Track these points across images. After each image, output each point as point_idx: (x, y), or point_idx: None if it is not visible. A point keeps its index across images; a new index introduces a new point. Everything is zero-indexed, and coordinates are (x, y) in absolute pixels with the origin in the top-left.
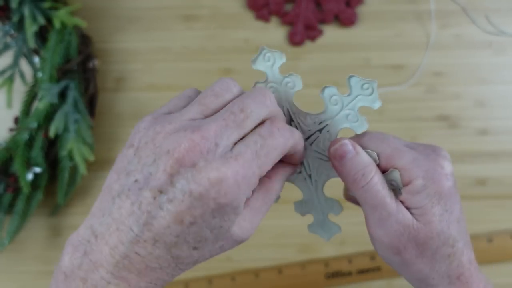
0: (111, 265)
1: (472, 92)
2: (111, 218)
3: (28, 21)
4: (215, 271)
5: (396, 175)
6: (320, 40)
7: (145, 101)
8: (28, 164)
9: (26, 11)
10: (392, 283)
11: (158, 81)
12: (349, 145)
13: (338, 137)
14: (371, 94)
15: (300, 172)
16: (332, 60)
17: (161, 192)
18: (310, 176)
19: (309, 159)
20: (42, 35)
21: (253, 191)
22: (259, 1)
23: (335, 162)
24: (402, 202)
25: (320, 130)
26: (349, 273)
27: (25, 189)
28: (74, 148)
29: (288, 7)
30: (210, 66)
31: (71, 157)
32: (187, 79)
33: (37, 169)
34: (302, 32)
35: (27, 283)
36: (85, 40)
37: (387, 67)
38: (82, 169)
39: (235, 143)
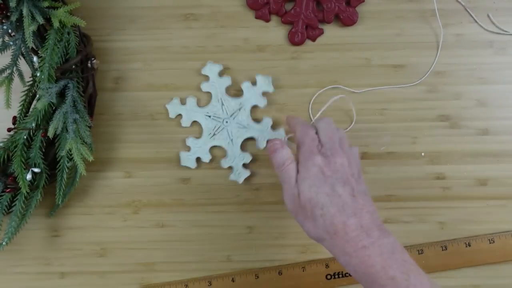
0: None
1: (473, 92)
2: None
3: (26, 20)
4: (215, 272)
5: None
6: (321, 40)
7: (144, 100)
8: (27, 164)
9: (25, 10)
10: None
11: (158, 80)
12: (278, 143)
13: (250, 111)
14: (268, 83)
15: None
16: (332, 60)
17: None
18: (232, 140)
19: (232, 129)
20: (40, 34)
21: None
22: (259, 0)
23: (270, 153)
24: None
25: (239, 109)
26: (350, 274)
27: (24, 189)
28: (73, 148)
29: (288, 6)
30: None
31: (70, 157)
32: (186, 78)
33: (36, 169)
34: (302, 32)
35: (25, 284)
36: (84, 39)
37: (388, 66)
38: (81, 169)
39: None
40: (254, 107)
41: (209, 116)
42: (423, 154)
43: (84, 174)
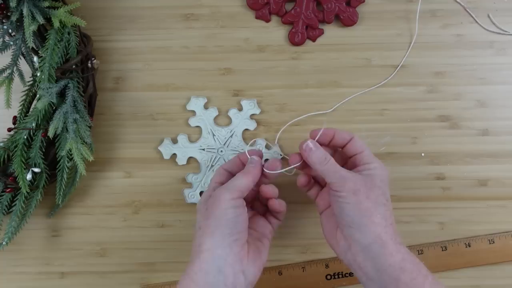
0: None
1: (474, 92)
2: None
3: (27, 20)
4: None
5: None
6: (321, 40)
7: (144, 100)
8: (27, 164)
9: (25, 10)
10: None
11: (158, 80)
12: (311, 144)
13: (242, 136)
14: (254, 107)
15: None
16: (332, 60)
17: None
18: None
19: (228, 156)
20: (41, 34)
21: None
22: (259, 0)
23: (305, 153)
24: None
25: (231, 136)
26: (350, 274)
27: (24, 189)
28: (73, 148)
29: (289, 6)
30: (210, 65)
31: (70, 157)
32: (186, 78)
33: (36, 169)
34: (302, 32)
35: (25, 284)
36: (84, 39)
37: (388, 66)
38: (81, 169)
39: None
40: (245, 131)
41: (203, 149)
42: (423, 154)
43: (84, 174)
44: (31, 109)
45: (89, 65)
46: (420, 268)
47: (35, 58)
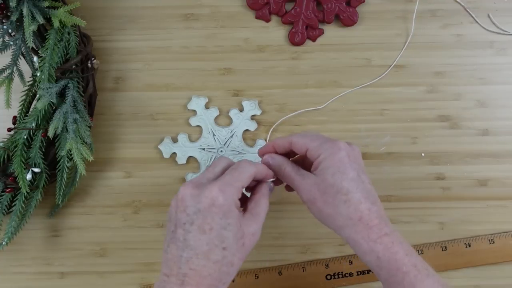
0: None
1: (474, 92)
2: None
3: (26, 20)
4: None
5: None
6: (321, 40)
7: (144, 100)
8: (27, 164)
9: (25, 10)
10: None
11: (158, 80)
12: (267, 157)
13: (242, 137)
14: (255, 108)
15: None
16: (332, 60)
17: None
18: None
19: (228, 157)
20: (41, 34)
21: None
22: (260, 0)
23: (267, 166)
24: (312, 167)
25: (231, 136)
26: (350, 274)
27: (24, 189)
28: (73, 148)
29: (289, 6)
30: (210, 65)
31: (70, 157)
32: (186, 78)
33: (36, 169)
34: (302, 32)
35: (25, 284)
36: (84, 39)
37: (388, 66)
38: (81, 169)
39: None
40: (245, 132)
41: (203, 149)
42: (423, 154)
43: (84, 174)
44: (31, 109)
45: (89, 65)
46: (399, 265)
47: (35, 58)
